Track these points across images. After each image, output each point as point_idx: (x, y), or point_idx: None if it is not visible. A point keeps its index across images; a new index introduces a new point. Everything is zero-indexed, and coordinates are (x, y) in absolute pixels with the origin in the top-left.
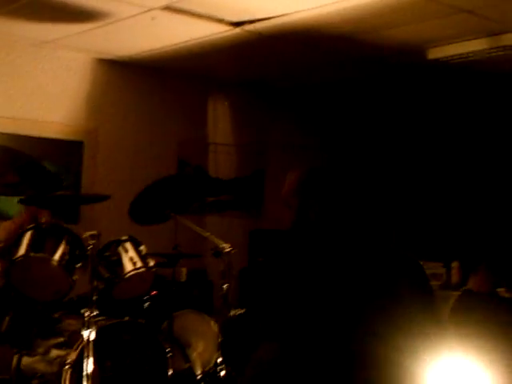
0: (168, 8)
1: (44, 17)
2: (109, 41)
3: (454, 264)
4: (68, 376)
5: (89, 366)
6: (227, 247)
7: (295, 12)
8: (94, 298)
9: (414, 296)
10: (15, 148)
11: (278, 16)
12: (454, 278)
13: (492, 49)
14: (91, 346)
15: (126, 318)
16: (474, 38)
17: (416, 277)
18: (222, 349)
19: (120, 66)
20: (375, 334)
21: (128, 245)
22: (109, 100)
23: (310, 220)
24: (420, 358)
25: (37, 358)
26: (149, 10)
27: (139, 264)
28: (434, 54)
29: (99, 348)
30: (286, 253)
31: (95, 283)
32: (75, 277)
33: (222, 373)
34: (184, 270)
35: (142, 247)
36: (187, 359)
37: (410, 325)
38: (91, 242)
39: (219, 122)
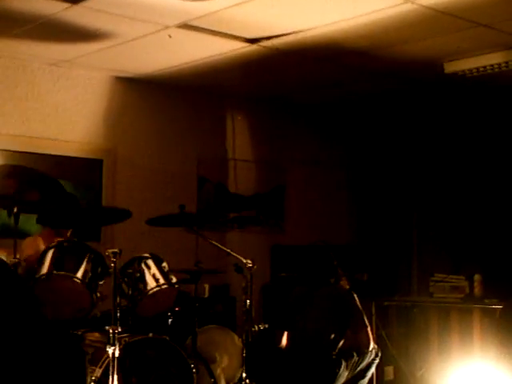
0: (184, 26)
1: (61, 36)
2: (126, 59)
3: (477, 277)
4: None
5: (114, 382)
6: (249, 263)
7: (312, 28)
8: (118, 314)
9: None
10: (34, 167)
11: (294, 32)
12: (477, 290)
13: (509, 62)
14: (116, 362)
15: (150, 335)
16: (491, 52)
17: None
18: (247, 364)
19: (138, 83)
20: None
21: (150, 262)
22: (127, 118)
23: None
24: None
25: None
26: (165, 28)
27: (162, 281)
28: (451, 67)
29: (124, 364)
30: None
31: (118, 300)
32: (98, 294)
33: None
34: (206, 286)
35: (164, 264)
36: (212, 375)
37: None
38: (113, 259)
39: (238, 138)
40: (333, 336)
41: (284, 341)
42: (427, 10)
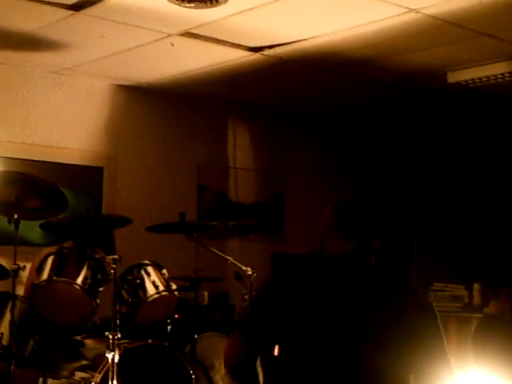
0: (186, 34)
1: (63, 44)
2: (128, 67)
3: (476, 286)
4: None
5: None
6: (248, 271)
7: (314, 37)
8: (117, 321)
9: (419, 315)
10: (35, 174)
11: (296, 41)
12: (476, 299)
13: None
14: (115, 368)
15: (150, 341)
16: (495, 62)
17: (420, 302)
18: None
19: (139, 92)
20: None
21: (150, 269)
22: (128, 126)
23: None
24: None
25: (62, 381)
26: (167, 36)
27: (162, 288)
28: (454, 77)
29: (123, 370)
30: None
31: (118, 307)
32: (98, 301)
33: None
34: (206, 294)
35: (164, 271)
36: (210, 381)
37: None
38: (113, 265)
39: (239, 146)
40: None
41: (277, 350)
42: (431, 19)
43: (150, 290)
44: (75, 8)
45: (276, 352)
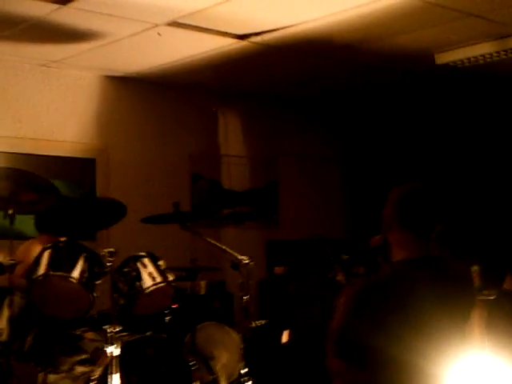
0: (173, 23)
1: (51, 37)
2: (116, 58)
3: (475, 268)
4: None
5: (114, 381)
6: (245, 259)
7: (302, 23)
8: (115, 313)
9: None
10: (27, 168)
11: (284, 27)
12: (475, 281)
13: (500, 52)
14: (116, 361)
15: (149, 333)
16: (482, 42)
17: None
18: (246, 360)
19: (128, 82)
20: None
21: (146, 260)
22: (119, 116)
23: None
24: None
25: (62, 375)
26: (154, 26)
27: (159, 279)
28: (442, 58)
29: (124, 363)
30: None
31: (115, 299)
32: (95, 294)
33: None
34: (203, 283)
35: (161, 262)
36: (211, 371)
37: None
38: (110, 258)
39: (230, 134)
40: None
41: (285, 338)
42: (417, 1)
43: (147, 281)
44: (62, 2)
45: (285, 338)
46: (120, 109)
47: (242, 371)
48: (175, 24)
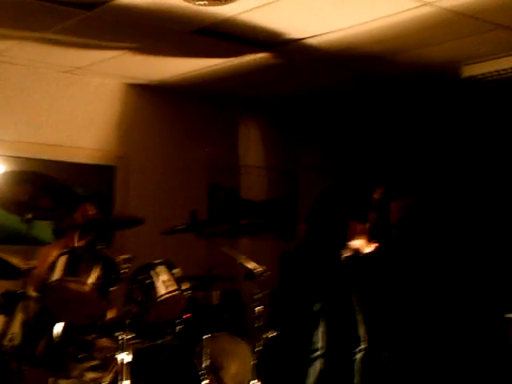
0: (199, 31)
1: (75, 44)
2: (139, 66)
3: None
4: None
5: None
6: (260, 270)
7: (326, 33)
8: (128, 321)
9: None
10: (47, 173)
11: (309, 37)
12: None
13: None
14: (126, 368)
15: (160, 341)
16: (509, 55)
17: None
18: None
19: (150, 90)
20: None
21: (162, 268)
22: (140, 124)
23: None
24: None
25: (72, 380)
26: (180, 35)
27: (172, 287)
28: (469, 71)
29: (134, 370)
30: None
31: (129, 306)
32: (109, 300)
33: None
34: (217, 293)
35: (176, 270)
36: (221, 381)
37: None
38: (125, 265)
39: (250, 144)
40: None
41: None
42: (446, 12)
43: (161, 289)
44: (88, 8)
45: None
46: (141, 117)
47: (252, 382)
48: (201, 32)
